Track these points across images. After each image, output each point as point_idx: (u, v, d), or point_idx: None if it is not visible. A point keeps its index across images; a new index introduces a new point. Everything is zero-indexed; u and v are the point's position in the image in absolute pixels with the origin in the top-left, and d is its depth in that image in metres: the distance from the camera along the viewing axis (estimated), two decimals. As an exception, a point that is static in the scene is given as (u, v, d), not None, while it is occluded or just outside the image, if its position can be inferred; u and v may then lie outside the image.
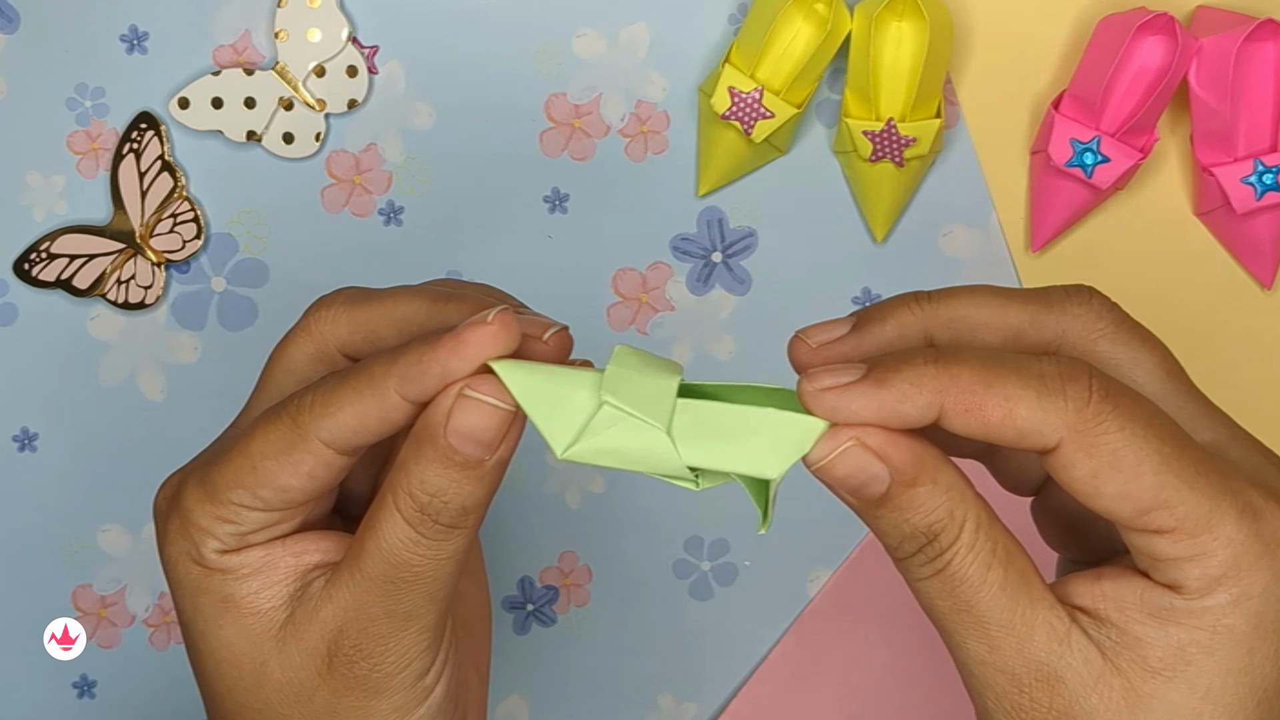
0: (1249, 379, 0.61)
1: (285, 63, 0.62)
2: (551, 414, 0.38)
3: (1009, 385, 0.35)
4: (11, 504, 0.64)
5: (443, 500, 0.39)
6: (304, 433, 0.40)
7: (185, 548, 0.42)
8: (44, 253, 0.63)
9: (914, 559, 0.37)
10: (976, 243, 0.61)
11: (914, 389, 0.35)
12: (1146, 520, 0.35)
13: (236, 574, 0.42)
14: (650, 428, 0.37)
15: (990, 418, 0.35)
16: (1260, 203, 0.57)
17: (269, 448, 0.40)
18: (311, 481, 0.40)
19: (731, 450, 0.37)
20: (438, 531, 0.39)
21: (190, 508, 0.42)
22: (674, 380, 0.37)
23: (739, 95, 0.58)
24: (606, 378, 0.37)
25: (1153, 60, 0.57)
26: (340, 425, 0.39)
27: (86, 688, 0.65)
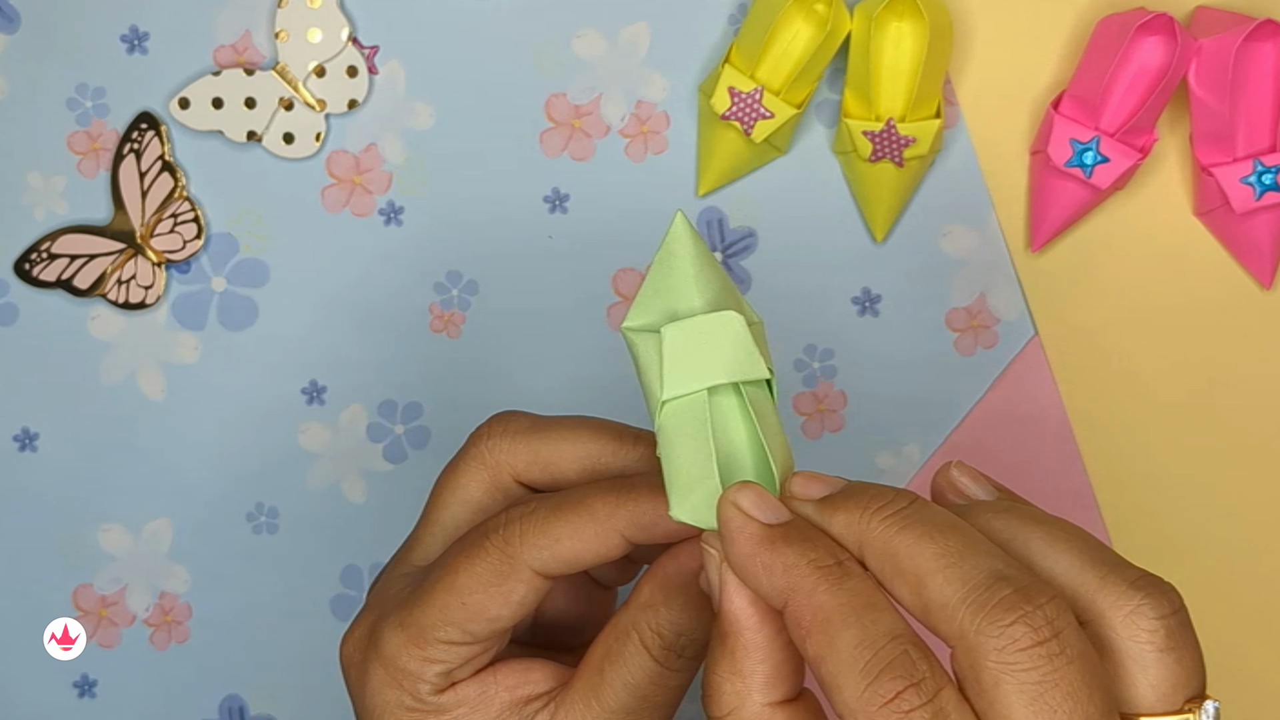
0: (1249, 379, 0.61)
1: (285, 63, 0.62)
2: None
3: (841, 641, 0.34)
4: (11, 504, 0.64)
5: (690, 638, 0.41)
6: (516, 563, 0.40)
7: (396, 697, 0.42)
8: (44, 253, 0.63)
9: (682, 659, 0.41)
10: (976, 243, 0.61)
11: (781, 571, 0.35)
12: None
13: (453, 713, 0.42)
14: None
15: (807, 650, 0.34)
16: (1260, 203, 0.57)
17: (476, 581, 0.41)
18: (521, 609, 0.41)
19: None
20: (682, 664, 0.41)
21: (395, 655, 0.42)
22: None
23: (739, 95, 0.58)
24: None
25: (1152, 60, 0.57)
26: (556, 557, 0.40)
27: (86, 688, 0.65)
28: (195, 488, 0.64)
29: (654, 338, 0.39)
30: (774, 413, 0.40)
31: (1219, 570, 0.61)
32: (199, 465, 0.64)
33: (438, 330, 0.63)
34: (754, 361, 0.39)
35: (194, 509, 0.64)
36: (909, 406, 0.62)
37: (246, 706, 0.64)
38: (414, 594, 0.42)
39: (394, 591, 0.44)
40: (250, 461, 0.64)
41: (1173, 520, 0.61)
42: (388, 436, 0.63)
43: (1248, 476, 0.61)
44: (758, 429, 0.38)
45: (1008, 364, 0.61)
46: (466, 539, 0.42)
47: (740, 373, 0.39)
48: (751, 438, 0.39)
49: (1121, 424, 0.61)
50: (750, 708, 0.36)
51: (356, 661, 0.44)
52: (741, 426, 0.39)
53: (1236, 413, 0.61)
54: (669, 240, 0.40)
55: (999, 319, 0.61)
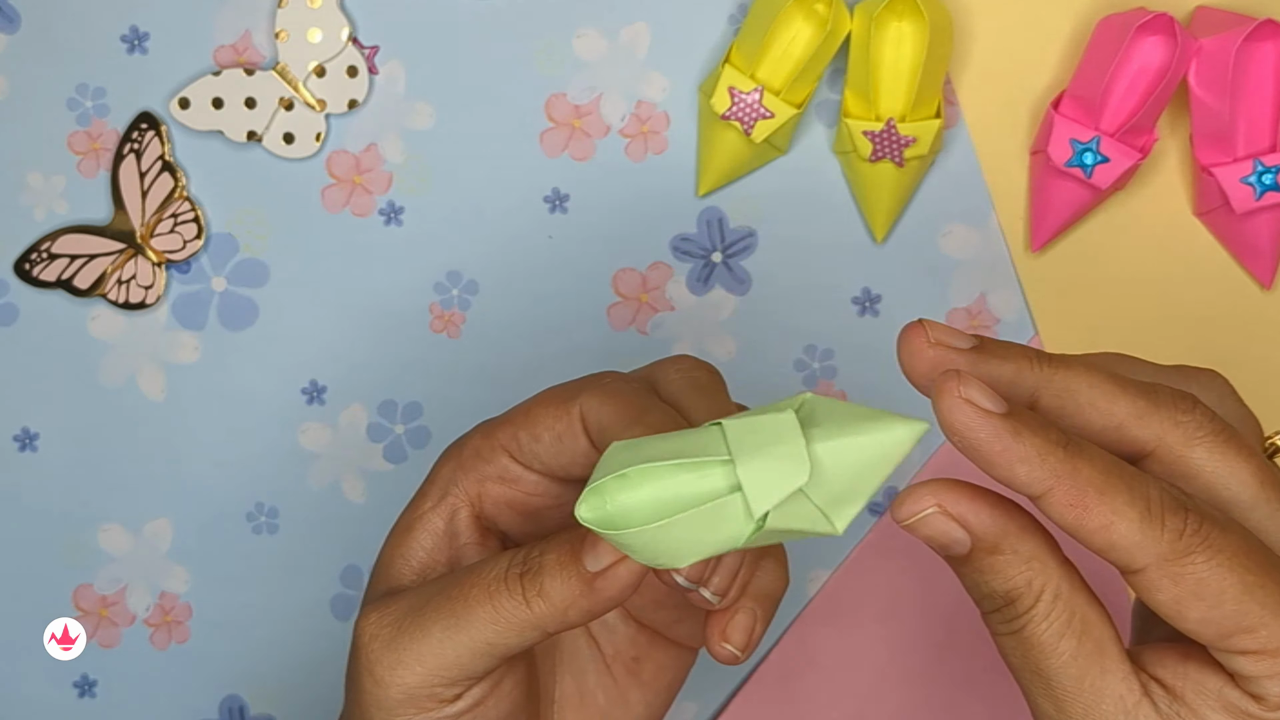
0: (1249, 379, 0.61)
1: (286, 63, 0.62)
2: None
3: (1119, 499, 0.36)
4: (11, 504, 0.64)
5: (540, 564, 0.41)
6: (575, 398, 0.43)
7: (440, 466, 0.45)
8: (44, 253, 0.63)
9: (993, 616, 0.38)
10: (976, 243, 0.61)
11: (1038, 459, 0.36)
12: (1229, 643, 0.36)
13: (432, 515, 0.44)
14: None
15: (1090, 522, 0.36)
16: (1260, 203, 0.57)
17: (547, 398, 0.44)
18: (557, 444, 0.43)
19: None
20: (514, 584, 0.41)
21: (466, 438, 0.45)
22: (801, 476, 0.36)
23: (739, 95, 0.58)
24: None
25: (1152, 60, 0.57)
26: (597, 413, 0.43)
27: (86, 688, 0.65)
28: (195, 488, 0.64)
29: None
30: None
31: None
32: (199, 465, 0.64)
33: (438, 330, 0.63)
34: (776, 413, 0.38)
35: (194, 509, 0.64)
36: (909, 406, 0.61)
37: (246, 706, 0.64)
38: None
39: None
40: (250, 461, 0.64)
41: (1173, 520, 0.61)
42: (388, 436, 0.63)
43: (1248, 476, 0.61)
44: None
45: (1008, 364, 0.61)
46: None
47: (791, 431, 0.37)
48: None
49: (1121, 424, 0.61)
50: (1053, 574, 0.38)
51: (447, 451, 0.45)
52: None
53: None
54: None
55: (999, 319, 0.61)
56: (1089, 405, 0.38)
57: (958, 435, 0.36)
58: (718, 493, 0.36)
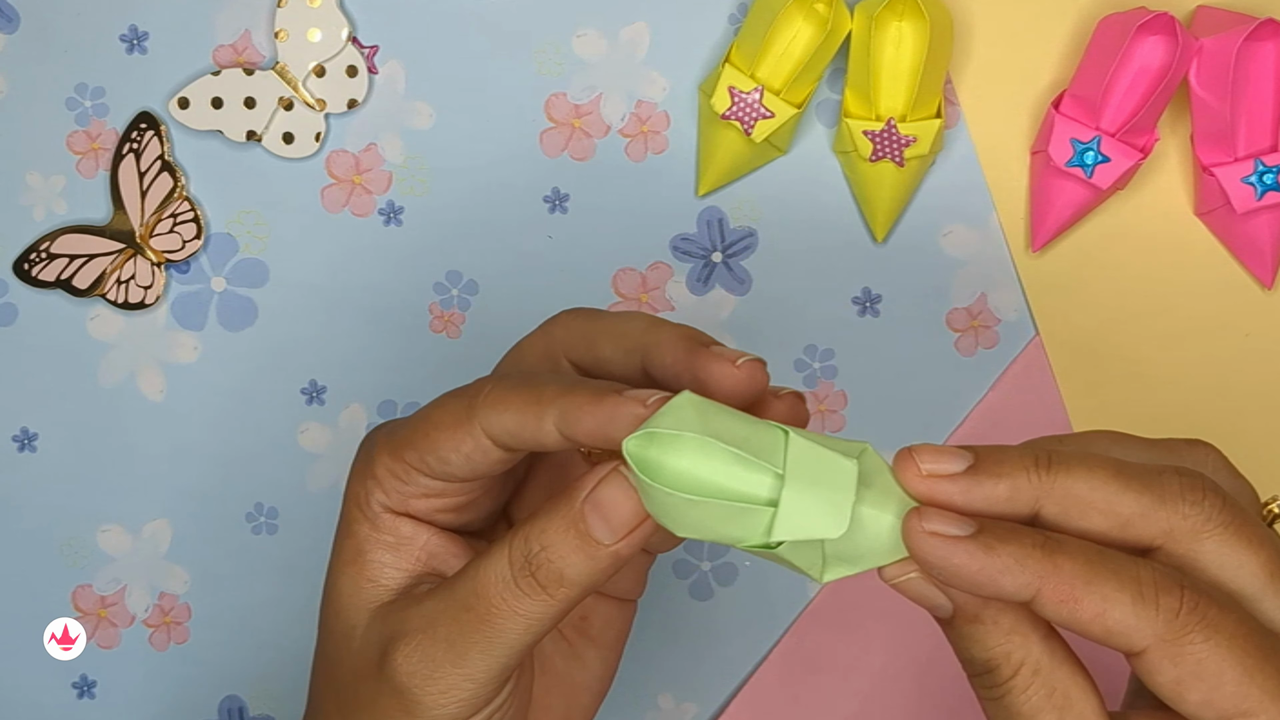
0: (1249, 379, 0.61)
1: (285, 63, 0.62)
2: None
3: (1107, 586, 0.36)
4: (11, 504, 0.64)
5: (547, 558, 0.40)
6: (471, 416, 0.41)
7: (356, 490, 0.44)
8: (44, 253, 0.63)
9: (976, 680, 0.39)
10: (976, 242, 0.61)
11: (1018, 566, 0.36)
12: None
13: (378, 536, 0.44)
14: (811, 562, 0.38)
15: (1083, 614, 0.36)
16: (1260, 202, 0.57)
17: (443, 419, 0.42)
18: (468, 463, 0.42)
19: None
20: (530, 586, 0.40)
21: (374, 456, 0.44)
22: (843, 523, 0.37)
23: (739, 95, 0.58)
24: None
25: (1153, 60, 0.57)
26: (500, 423, 0.41)
27: (86, 688, 0.65)
28: (195, 488, 0.64)
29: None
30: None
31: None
32: (199, 465, 0.64)
33: (438, 330, 0.63)
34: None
35: (194, 509, 0.64)
36: (909, 406, 0.62)
37: (246, 707, 0.64)
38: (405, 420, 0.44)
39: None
40: (250, 461, 0.64)
41: (1173, 520, 0.61)
42: (388, 436, 0.63)
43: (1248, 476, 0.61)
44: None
45: (1008, 364, 0.61)
46: (459, 388, 0.43)
47: (847, 484, 0.37)
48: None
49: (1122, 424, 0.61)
50: (1033, 648, 0.38)
51: (358, 454, 0.45)
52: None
53: (1237, 413, 0.61)
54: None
55: (999, 319, 0.61)
56: (1093, 508, 0.38)
57: (934, 568, 0.37)
58: (755, 499, 0.36)
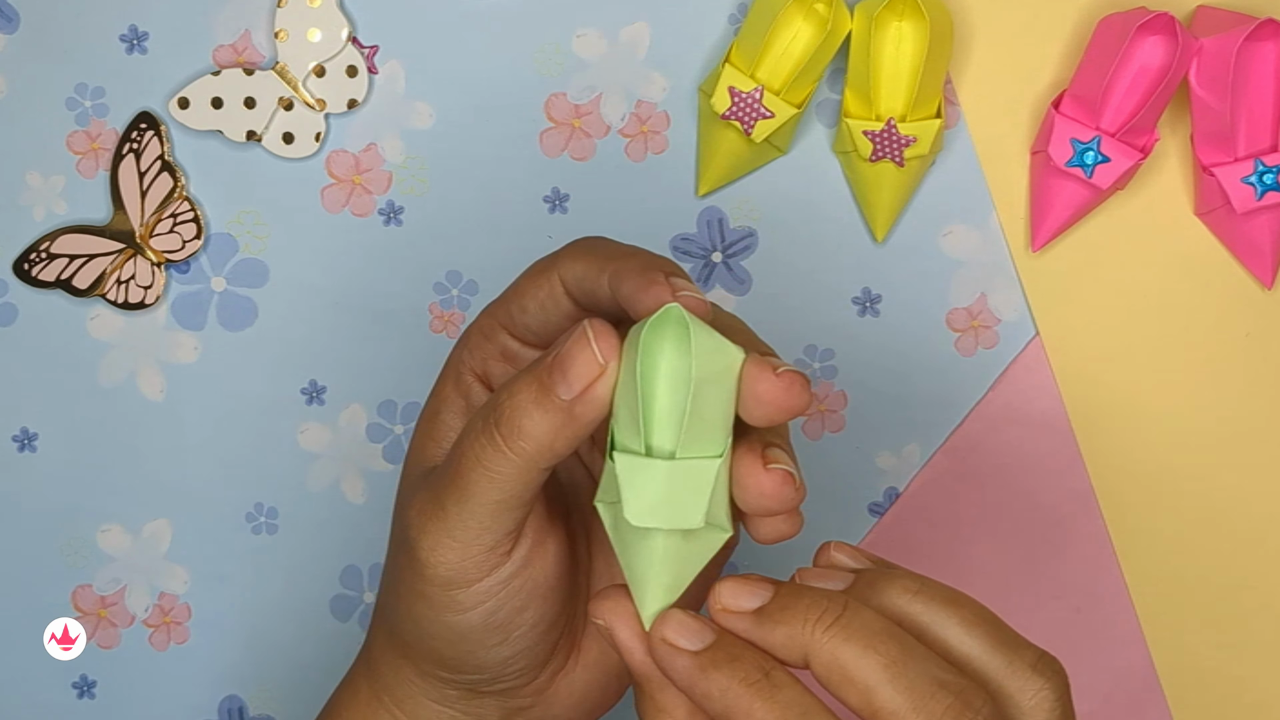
0: (1249, 379, 0.61)
1: (285, 63, 0.62)
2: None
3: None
4: (11, 504, 0.64)
5: (511, 407, 0.41)
6: (553, 265, 0.45)
7: (453, 352, 0.47)
8: (44, 253, 0.63)
9: None
10: (976, 243, 0.61)
11: (720, 696, 0.38)
12: None
13: (455, 398, 0.46)
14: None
15: None
16: (1260, 203, 0.57)
17: (530, 270, 0.45)
18: (541, 311, 0.44)
19: None
20: (491, 437, 0.41)
21: (472, 323, 0.47)
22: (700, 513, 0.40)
23: (739, 95, 0.58)
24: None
25: (1153, 60, 0.57)
26: (571, 271, 0.44)
27: (86, 688, 0.65)
28: (195, 488, 0.64)
29: None
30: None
31: (1220, 569, 0.61)
32: (199, 465, 0.64)
33: (438, 330, 0.63)
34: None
35: (194, 509, 0.64)
36: (909, 406, 0.62)
37: (246, 707, 0.64)
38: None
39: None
40: (250, 461, 0.64)
41: (1174, 520, 0.61)
42: (388, 436, 0.63)
43: (1249, 476, 0.61)
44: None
45: (1008, 364, 0.61)
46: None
47: (678, 520, 0.40)
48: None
49: (1121, 424, 0.61)
50: None
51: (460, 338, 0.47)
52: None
53: (1237, 413, 0.61)
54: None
55: (999, 319, 0.61)
56: (850, 685, 0.38)
57: (657, 663, 0.39)
58: (647, 440, 0.39)
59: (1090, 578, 0.61)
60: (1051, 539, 0.61)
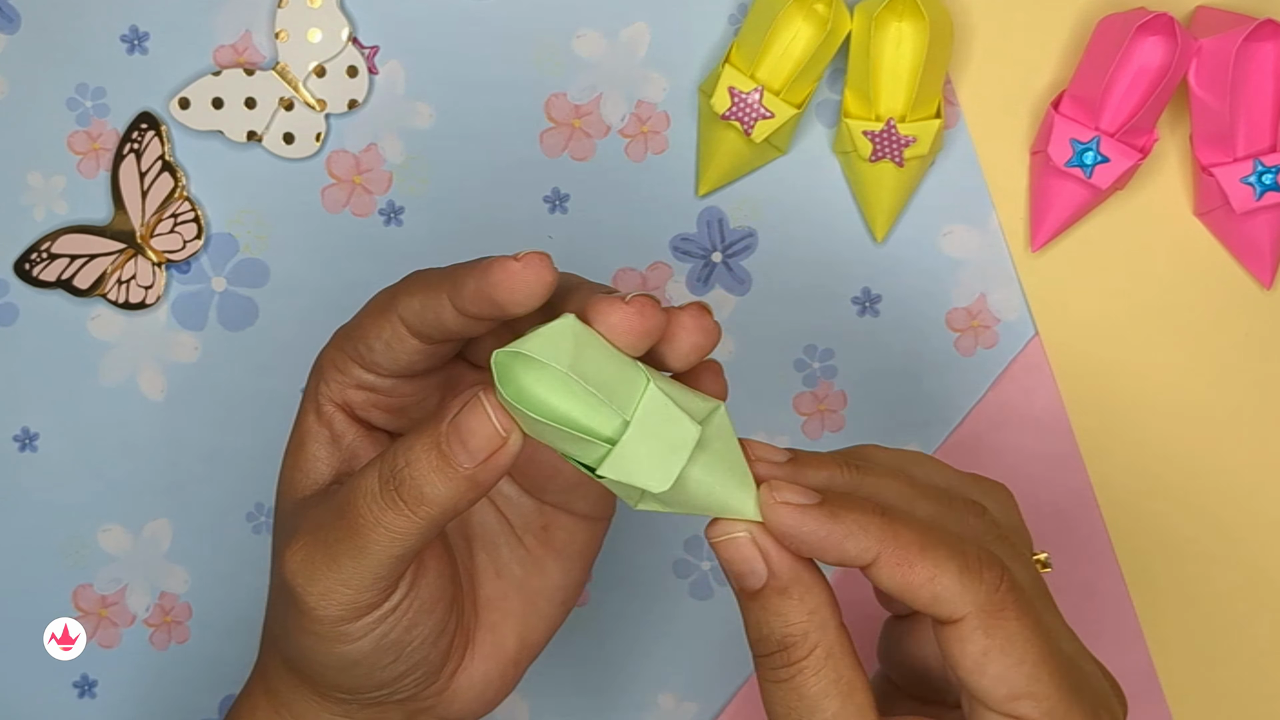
0: (1249, 379, 0.61)
1: (286, 63, 0.62)
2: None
3: (939, 554, 0.39)
4: (11, 504, 0.64)
5: (410, 474, 0.41)
6: (392, 302, 0.44)
7: (310, 381, 0.47)
8: (44, 253, 0.63)
9: (766, 661, 0.41)
10: (976, 243, 0.61)
11: (861, 532, 0.39)
12: (1014, 705, 0.39)
13: (319, 428, 0.46)
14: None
15: (915, 578, 0.39)
16: (1260, 203, 0.57)
17: (371, 306, 0.45)
18: (388, 350, 0.44)
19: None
20: (392, 500, 0.41)
21: (325, 348, 0.47)
22: (677, 467, 0.40)
23: (739, 95, 0.58)
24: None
25: (1153, 60, 0.57)
26: (409, 306, 0.43)
27: (86, 688, 0.65)
28: (195, 488, 0.64)
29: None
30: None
31: (1220, 569, 0.61)
32: (199, 465, 0.64)
33: (438, 330, 0.63)
34: (682, 424, 0.40)
35: (194, 509, 0.64)
36: (909, 406, 0.62)
37: (246, 706, 0.64)
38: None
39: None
40: (250, 461, 0.64)
41: (1174, 519, 0.61)
42: (388, 436, 0.63)
43: (1249, 476, 0.61)
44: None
45: (1008, 364, 0.61)
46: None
47: (683, 446, 0.40)
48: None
49: (1121, 423, 0.61)
50: (830, 633, 0.40)
51: (312, 371, 0.47)
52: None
53: (1237, 412, 0.61)
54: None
55: (999, 319, 0.61)
56: (897, 502, 0.42)
57: (784, 535, 0.40)
58: (598, 435, 0.39)
59: (1090, 577, 0.61)
60: (1051, 538, 0.61)
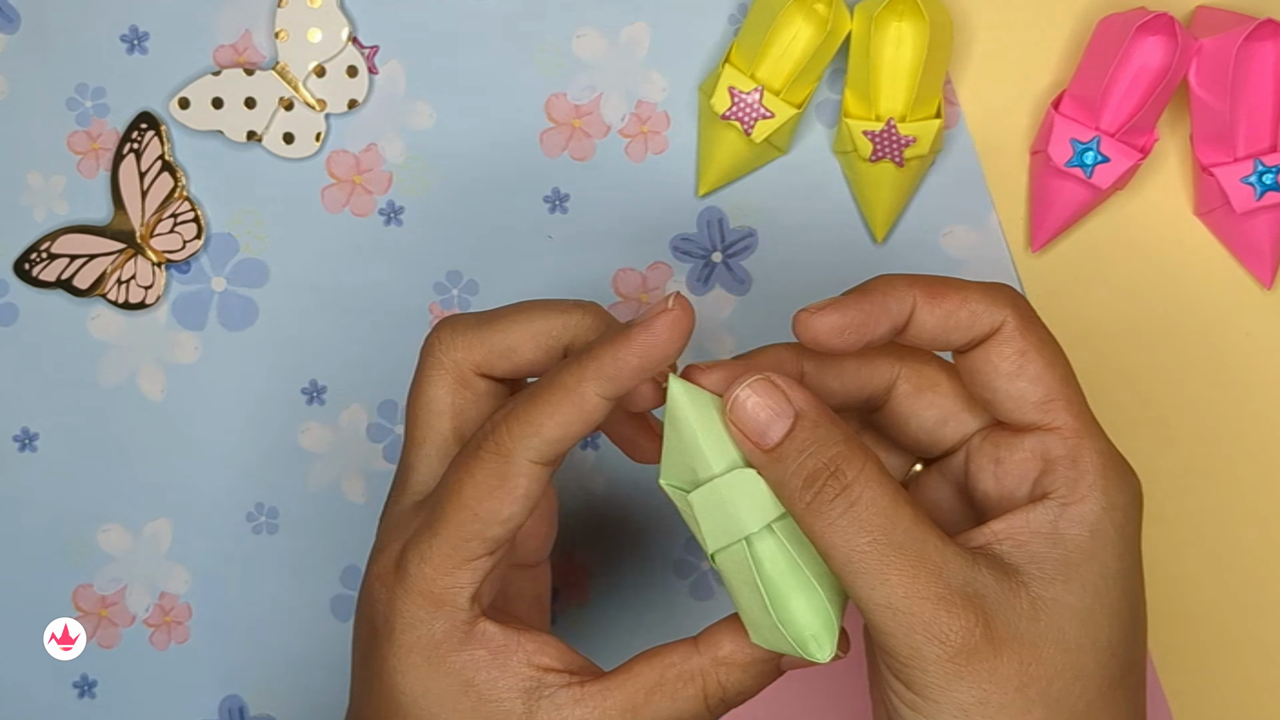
0: (1249, 379, 0.61)
1: (286, 63, 0.62)
2: (676, 453, 0.43)
3: (962, 285, 0.43)
4: (11, 504, 0.64)
5: (744, 697, 0.45)
6: (512, 460, 0.42)
7: (429, 625, 0.43)
8: (44, 253, 0.63)
9: (822, 497, 0.40)
10: (976, 243, 0.61)
11: (893, 289, 0.42)
12: (1048, 406, 0.42)
13: (474, 652, 0.43)
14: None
15: (949, 304, 0.42)
16: (1260, 203, 0.57)
17: (482, 489, 0.42)
18: (528, 501, 0.42)
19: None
20: (722, 711, 0.44)
21: (428, 583, 0.43)
22: (762, 522, 0.42)
23: (739, 95, 0.58)
24: (702, 488, 0.43)
25: (1153, 60, 0.57)
26: (546, 439, 0.42)
27: (86, 688, 0.65)
28: (195, 488, 0.64)
29: (686, 496, 0.43)
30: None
31: (1220, 569, 0.61)
32: (199, 465, 0.64)
33: (438, 330, 0.63)
34: (775, 503, 0.42)
35: (194, 509, 0.64)
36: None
37: (246, 707, 0.64)
38: (428, 521, 0.43)
39: (405, 522, 0.45)
40: (250, 461, 0.64)
41: (1174, 519, 0.61)
42: (388, 436, 0.63)
43: (1249, 475, 0.61)
44: (796, 560, 0.42)
45: (1008, 364, 0.61)
46: (462, 454, 0.43)
47: (764, 517, 0.42)
48: (793, 567, 0.42)
49: (1121, 424, 0.61)
50: (866, 448, 0.42)
51: (384, 598, 0.44)
52: (781, 560, 0.42)
53: (1237, 412, 0.61)
54: (671, 407, 0.42)
55: (999, 319, 0.61)
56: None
57: (836, 328, 0.42)
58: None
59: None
60: (1051, 539, 0.61)
